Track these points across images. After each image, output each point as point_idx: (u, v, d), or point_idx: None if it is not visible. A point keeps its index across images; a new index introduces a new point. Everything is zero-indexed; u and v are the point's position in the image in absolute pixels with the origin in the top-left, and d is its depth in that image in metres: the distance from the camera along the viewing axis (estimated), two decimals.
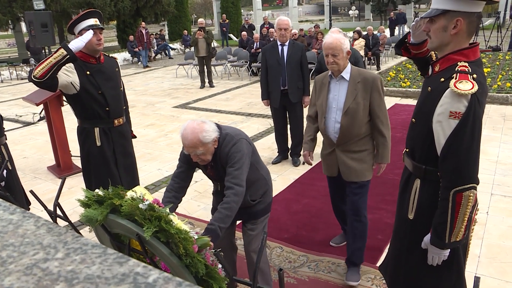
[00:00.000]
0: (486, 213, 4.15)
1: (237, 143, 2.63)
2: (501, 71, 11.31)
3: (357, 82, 3.05)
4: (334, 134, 3.15)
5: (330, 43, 3.02)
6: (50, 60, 3.15)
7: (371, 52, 13.67)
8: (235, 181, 2.54)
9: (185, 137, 2.52)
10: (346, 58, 3.05)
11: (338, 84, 3.14)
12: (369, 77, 3.07)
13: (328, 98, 3.16)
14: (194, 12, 58.04)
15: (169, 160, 6.30)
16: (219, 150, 2.63)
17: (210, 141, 2.54)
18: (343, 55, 3.01)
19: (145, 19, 24.61)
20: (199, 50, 11.90)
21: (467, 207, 1.93)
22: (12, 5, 20.75)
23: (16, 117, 9.95)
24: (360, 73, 3.10)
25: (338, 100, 3.11)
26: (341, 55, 3.00)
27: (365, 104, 3.04)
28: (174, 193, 2.77)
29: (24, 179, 5.63)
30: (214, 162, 2.68)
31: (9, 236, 0.61)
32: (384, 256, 3.38)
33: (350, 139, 3.11)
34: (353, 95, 3.05)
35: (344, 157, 3.16)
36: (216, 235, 2.36)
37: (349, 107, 3.04)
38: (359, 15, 42.75)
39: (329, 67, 3.10)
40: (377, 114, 3.07)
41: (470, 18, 1.91)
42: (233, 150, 2.60)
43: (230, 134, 2.67)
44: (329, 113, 3.15)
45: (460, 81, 1.85)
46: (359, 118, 3.05)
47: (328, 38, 3.06)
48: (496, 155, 5.68)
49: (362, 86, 3.05)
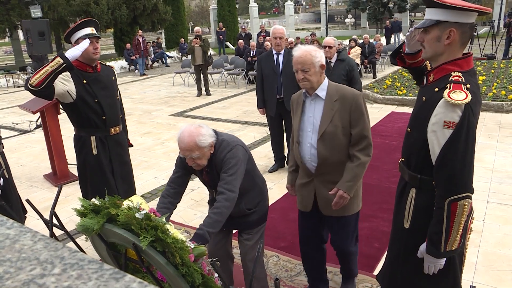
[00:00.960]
0: (482, 221, 4.16)
1: (233, 149, 2.64)
2: (496, 79, 11.39)
3: (335, 100, 2.64)
4: (311, 163, 2.74)
5: (298, 57, 2.63)
6: (47, 69, 3.15)
7: (368, 60, 13.74)
8: (227, 186, 2.55)
9: (182, 140, 2.54)
10: (320, 73, 2.66)
11: (313, 104, 2.73)
12: (349, 94, 2.65)
13: (302, 120, 2.76)
14: (191, 20, 58.24)
15: (165, 168, 6.30)
16: (214, 156, 2.64)
17: (206, 145, 2.55)
18: (315, 70, 2.62)
19: (142, 27, 24.68)
20: (195, 58, 11.94)
21: (462, 216, 1.94)
22: (9, 13, 20.79)
23: (12, 125, 9.93)
24: (338, 90, 2.69)
25: (314, 123, 2.70)
26: (313, 70, 2.62)
27: (344, 125, 2.63)
28: (169, 199, 2.75)
29: (21, 187, 5.61)
30: (210, 168, 2.69)
31: (6, 252, 0.61)
32: (380, 265, 3.38)
33: (331, 168, 2.69)
34: (330, 116, 2.64)
35: (323, 189, 2.73)
36: (204, 239, 2.36)
37: (326, 130, 2.63)
38: (355, 23, 42.98)
39: (300, 85, 2.73)
40: (357, 140, 2.64)
41: (463, 28, 1.94)
42: (228, 156, 2.61)
43: (226, 140, 2.68)
44: (304, 137, 2.75)
45: (454, 91, 1.87)
46: (339, 142, 2.65)
47: (296, 50, 2.67)
48: (492, 163, 5.71)
49: (340, 105, 2.63)
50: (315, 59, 2.60)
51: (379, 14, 34.01)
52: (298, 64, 2.63)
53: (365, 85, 11.72)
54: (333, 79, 5.56)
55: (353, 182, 2.62)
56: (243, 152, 2.71)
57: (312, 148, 2.69)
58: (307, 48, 2.65)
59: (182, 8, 29.39)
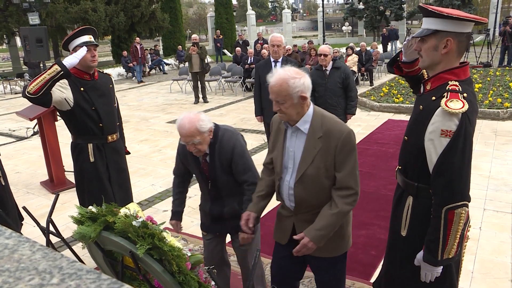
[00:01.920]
0: (479, 228, 4.16)
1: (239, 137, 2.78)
2: (492, 86, 11.45)
3: (318, 137, 2.19)
4: (289, 203, 2.36)
5: (273, 85, 2.15)
6: (44, 76, 3.16)
7: (364, 68, 13.81)
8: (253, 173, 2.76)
9: (182, 126, 2.58)
10: (300, 104, 2.17)
11: (294, 137, 2.29)
12: (336, 131, 2.17)
13: (284, 155, 2.33)
14: (189, 27, 58.43)
15: (162, 175, 6.29)
16: (220, 143, 2.71)
17: (206, 130, 2.61)
18: (292, 102, 2.14)
19: (139, 35, 24.74)
20: (193, 65, 11.97)
21: (459, 224, 1.94)
22: (7, 19, 20.82)
23: (9, 132, 9.91)
24: (324, 124, 2.20)
25: (294, 160, 2.28)
26: (290, 103, 2.14)
27: (328, 168, 2.20)
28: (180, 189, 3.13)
29: (17, 194, 5.59)
30: (212, 156, 2.73)
31: (5, 261, 0.61)
32: (377, 272, 3.37)
33: (312, 209, 2.30)
34: (311, 155, 2.20)
35: (305, 226, 2.28)
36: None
37: (305, 172, 2.22)
38: (352, 31, 43.25)
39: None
40: (340, 185, 2.20)
41: (460, 38, 1.96)
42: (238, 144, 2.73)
43: (228, 129, 2.79)
44: (285, 174, 2.34)
45: (451, 100, 1.88)
46: (321, 186, 2.23)
47: (272, 76, 2.18)
48: (488, 170, 5.73)
49: (324, 144, 2.19)
50: (293, 89, 2.10)
51: (376, 22, 34.22)
52: (272, 93, 2.17)
53: (362, 92, 11.77)
54: (329, 86, 5.66)
55: (325, 232, 2.19)
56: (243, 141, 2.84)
57: (289, 189, 2.31)
58: (286, 74, 2.14)
59: (179, 16, 29.48)
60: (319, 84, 5.64)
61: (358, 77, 13.63)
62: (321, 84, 5.63)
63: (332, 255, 2.38)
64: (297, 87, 2.11)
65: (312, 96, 5.74)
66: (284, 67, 2.20)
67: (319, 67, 5.71)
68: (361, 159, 6.57)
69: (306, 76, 2.17)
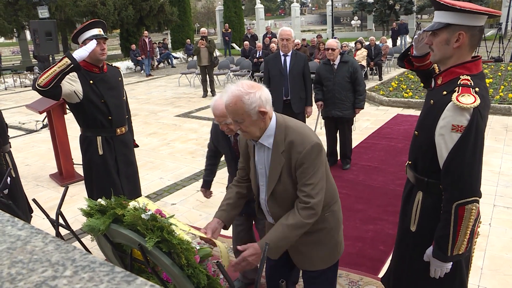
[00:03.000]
0: (488, 225, 4.13)
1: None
2: (503, 82, 11.33)
3: (281, 151, 2.05)
4: (270, 218, 2.29)
5: (228, 105, 2.00)
6: (54, 69, 3.17)
7: (374, 62, 13.71)
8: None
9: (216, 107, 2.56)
10: (262, 120, 2.01)
11: (262, 152, 2.16)
12: (297, 144, 2.01)
13: (256, 171, 2.23)
14: (197, 21, 58.37)
15: (171, 169, 6.31)
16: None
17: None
18: (251, 120, 1.98)
19: (148, 28, 24.76)
20: (201, 59, 11.96)
21: (470, 220, 1.92)
22: (17, 13, 20.92)
23: (19, 125, 9.98)
24: (288, 136, 2.04)
25: (265, 176, 2.18)
26: (248, 120, 1.99)
27: (296, 181, 2.08)
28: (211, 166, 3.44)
29: (27, 186, 5.63)
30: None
31: (18, 253, 0.61)
32: (385, 267, 3.37)
33: None
34: (277, 171, 2.08)
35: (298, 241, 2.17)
36: None
37: (274, 189, 2.12)
38: (361, 25, 42.92)
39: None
40: (299, 195, 2.05)
41: (472, 31, 1.93)
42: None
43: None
44: (260, 191, 2.27)
45: (462, 95, 1.86)
46: (292, 200, 2.11)
47: (225, 95, 2.03)
48: (499, 166, 5.68)
49: (287, 158, 2.05)
50: (249, 106, 1.94)
51: (385, 16, 33.94)
52: (228, 113, 2.04)
53: (371, 87, 11.70)
54: (337, 80, 5.63)
55: (276, 244, 2.04)
56: None
57: (265, 206, 2.25)
58: (239, 91, 1.96)
59: (188, 9, 29.46)
60: (327, 78, 5.62)
61: (367, 72, 13.54)
62: (329, 78, 5.60)
63: (324, 266, 2.30)
64: (253, 103, 1.94)
65: (320, 91, 5.75)
66: (237, 82, 2.03)
67: (327, 61, 5.68)
68: (369, 154, 6.55)
69: (262, 89, 2.00)
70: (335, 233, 2.28)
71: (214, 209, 4.74)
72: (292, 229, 2.04)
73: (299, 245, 2.23)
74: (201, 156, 6.86)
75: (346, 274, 3.46)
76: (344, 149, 5.95)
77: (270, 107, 2.04)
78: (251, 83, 2.02)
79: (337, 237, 2.30)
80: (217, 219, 2.31)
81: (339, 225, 2.32)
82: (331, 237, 2.26)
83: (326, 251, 2.27)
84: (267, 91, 2.03)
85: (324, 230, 2.23)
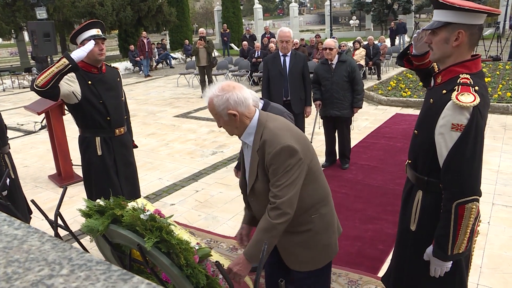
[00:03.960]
0: (487, 223, 4.13)
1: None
2: (501, 80, 11.34)
3: (257, 149, 2.10)
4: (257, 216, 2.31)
5: (208, 105, 2.12)
6: (53, 70, 3.16)
7: (372, 62, 13.72)
8: None
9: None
10: (234, 121, 2.08)
11: (246, 149, 2.25)
12: (270, 144, 2.04)
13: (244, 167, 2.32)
14: (196, 21, 58.34)
15: (170, 169, 6.30)
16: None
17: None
18: (224, 120, 2.10)
19: (146, 29, 24.75)
20: (200, 59, 11.95)
21: (470, 219, 1.92)
22: (15, 14, 20.90)
23: (17, 126, 9.97)
24: (263, 135, 2.09)
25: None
26: (222, 120, 2.11)
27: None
28: None
29: (25, 187, 5.62)
30: None
31: (14, 252, 0.61)
32: (385, 266, 3.36)
33: None
34: (254, 170, 2.14)
35: (284, 240, 2.22)
36: None
37: (253, 186, 2.17)
38: (359, 24, 43.00)
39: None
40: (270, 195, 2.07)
41: (471, 30, 1.93)
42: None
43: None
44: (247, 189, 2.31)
45: (462, 94, 1.85)
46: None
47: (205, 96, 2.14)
48: (497, 165, 5.68)
49: (261, 157, 2.09)
50: (218, 108, 2.04)
51: (384, 16, 33.97)
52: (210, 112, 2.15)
53: (369, 86, 11.70)
54: (335, 80, 5.63)
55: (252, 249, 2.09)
56: None
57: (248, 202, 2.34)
58: (211, 93, 2.08)
59: (186, 10, 29.44)
60: (325, 78, 5.61)
61: (365, 71, 13.55)
62: (327, 78, 5.60)
63: (312, 268, 2.28)
64: (221, 105, 2.02)
65: (318, 90, 5.75)
66: (215, 83, 2.13)
67: (324, 61, 5.68)
68: (368, 153, 6.55)
69: (234, 91, 2.05)
70: (322, 236, 2.24)
71: (213, 209, 4.78)
72: (264, 232, 2.05)
73: (286, 244, 2.24)
74: (200, 156, 6.86)
75: (345, 273, 3.46)
76: (342, 148, 5.95)
77: (245, 108, 2.07)
78: (226, 84, 2.08)
79: (325, 240, 2.26)
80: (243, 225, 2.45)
81: (328, 228, 2.27)
82: (318, 240, 2.23)
83: (312, 254, 2.25)
84: (243, 93, 2.07)
85: (309, 232, 2.20)
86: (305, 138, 2.21)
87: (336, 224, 2.37)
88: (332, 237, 2.31)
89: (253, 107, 2.14)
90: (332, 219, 2.31)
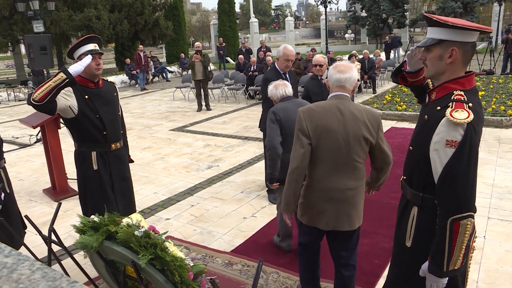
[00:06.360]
0: (483, 237, 4.13)
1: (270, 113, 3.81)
2: (495, 94, 11.43)
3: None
4: None
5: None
6: (50, 84, 3.17)
7: (367, 76, 13.80)
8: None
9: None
10: None
11: None
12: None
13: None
14: (192, 35, 58.69)
15: (165, 183, 6.28)
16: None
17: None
18: None
19: (143, 42, 24.82)
20: (196, 73, 11.98)
21: (465, 235, 1.92)
22: (12, 27, 20.96)
23: (12, 139, 9.94)
24: None
25: None
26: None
27: None
28: None
29: (20, 201, 5.57)
30: None
31: (3, 281, 0.59)
32: (381, 281, 3.34)
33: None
34: None
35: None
36: None
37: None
38: (355, 38, 43.33)
39: None
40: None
41: (465, 47, 1.95)
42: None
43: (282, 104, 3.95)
44: None
45: (456, 110, 1.87)
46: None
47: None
48: (492, 178, 5.69)
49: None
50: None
51: (379, 30, 34.30)
52: None
53: (364, 100, 11.76)
54: (325, 95, 5.54)
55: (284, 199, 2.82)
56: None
57: None
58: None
59: (183, 23, 29.60)
60: (316, 93, 5.57)
61: (361, 85, 13.61)
62: (318, 93, 5.56)
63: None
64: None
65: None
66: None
67: (314, 76, 5.63)
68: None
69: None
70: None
71: (209, 223, 4.76)
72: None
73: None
74: (195, 170, 6.84)
75: None
76: None
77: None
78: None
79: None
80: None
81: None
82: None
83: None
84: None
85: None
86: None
87: None
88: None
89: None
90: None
